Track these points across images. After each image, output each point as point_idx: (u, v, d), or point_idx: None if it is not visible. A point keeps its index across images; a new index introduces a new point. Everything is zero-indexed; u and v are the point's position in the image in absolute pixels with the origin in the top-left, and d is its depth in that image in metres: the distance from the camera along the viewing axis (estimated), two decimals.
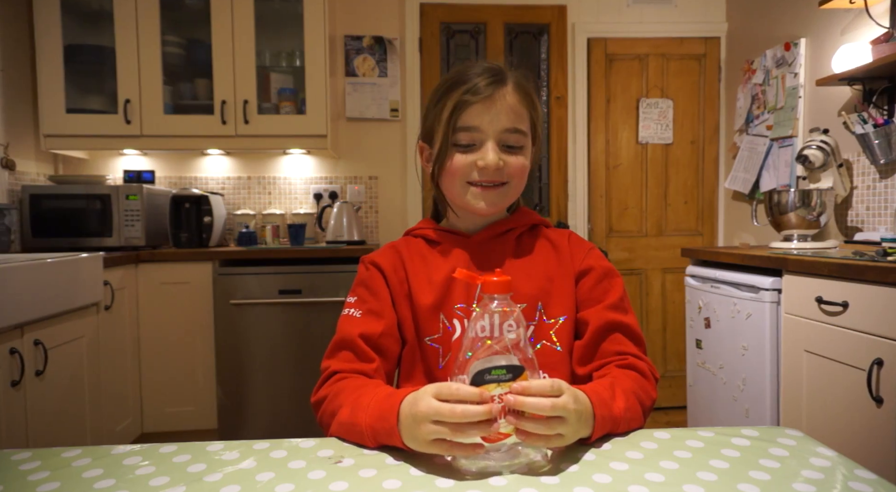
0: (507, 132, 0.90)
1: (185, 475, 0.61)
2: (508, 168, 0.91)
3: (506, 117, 0.90)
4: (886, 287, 1.40)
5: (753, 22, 2.93)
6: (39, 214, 2.52)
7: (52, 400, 1.79)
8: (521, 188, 0.96)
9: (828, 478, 0.59)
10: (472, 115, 0.89)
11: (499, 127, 0.89)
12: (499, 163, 0.89)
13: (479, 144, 0.90)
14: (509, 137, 0.91)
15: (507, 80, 0.92)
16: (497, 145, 0.90)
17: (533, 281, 0.92)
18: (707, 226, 3.22)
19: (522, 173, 0.94)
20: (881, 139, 2.04)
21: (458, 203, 0.95)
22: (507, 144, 0.91)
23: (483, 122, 0.89)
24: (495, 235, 0.97)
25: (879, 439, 1.43)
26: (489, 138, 0.90)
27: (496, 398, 0.60)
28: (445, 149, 0.92)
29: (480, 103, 0.89)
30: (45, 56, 2.63)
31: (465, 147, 0.91)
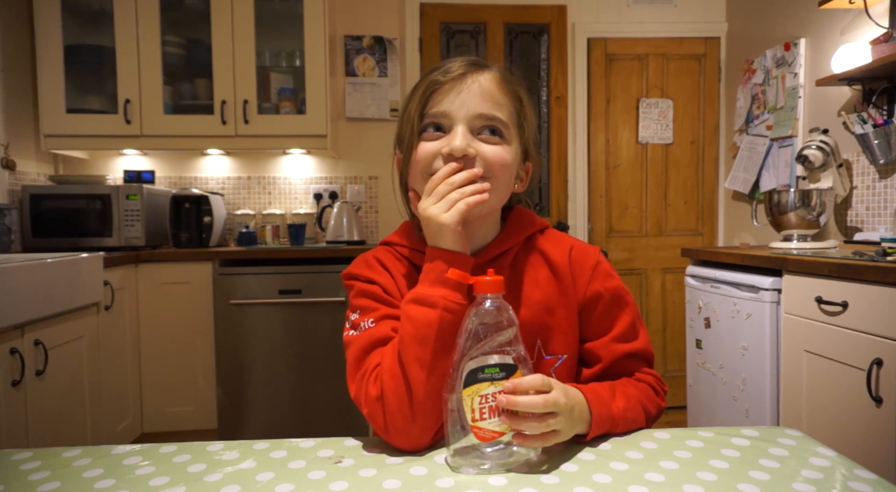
0: (482, 118, 0.76)
1: (185, 475, 0.61)
2: (483, 160, 0.75)
3: (480, 100, 0.76)
4: (886, 287, 1.40)
5: (753, 22, 2.93)
6: (39, 214, 2.52)
7: (52, 400, 1.79)
8: (504, 193, 0.80)
9: (828, 478, 0.59)
10: (441, 98, 0.77)
11: (471, 111, 0.76)
12: (468, 149, 0.74)
13: (447, 130, 0.76)
14: (487, 123, 0.76)
15: (488, 69, 0.80)
16: (469, 132, 0.76)
17: (530, 314, 0.80)
18: (707, 226, 3.22)
19: (504, 167, 0.77)
20: (881, 139, 2.04)
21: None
22: (483, 133, 0.77)
23: (453, 105, 0.76)
24: (489, 262, 0.81)
25: (879, 438, 1.43)
26: (458, 123, 0.75)
27: (489, 397, 0.60)
28: (412, 142, 0.78)
29: (450, 85, 0.77)
30: (45, 56, 2.63)
31: (432, 135, 0.77)
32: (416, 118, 0.78)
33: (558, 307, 0.82)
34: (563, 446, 0.67)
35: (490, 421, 0.60)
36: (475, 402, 0.60)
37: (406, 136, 0.80)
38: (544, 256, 0.84)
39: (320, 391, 2.49)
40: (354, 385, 0.73)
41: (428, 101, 0.78)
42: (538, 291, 0.82)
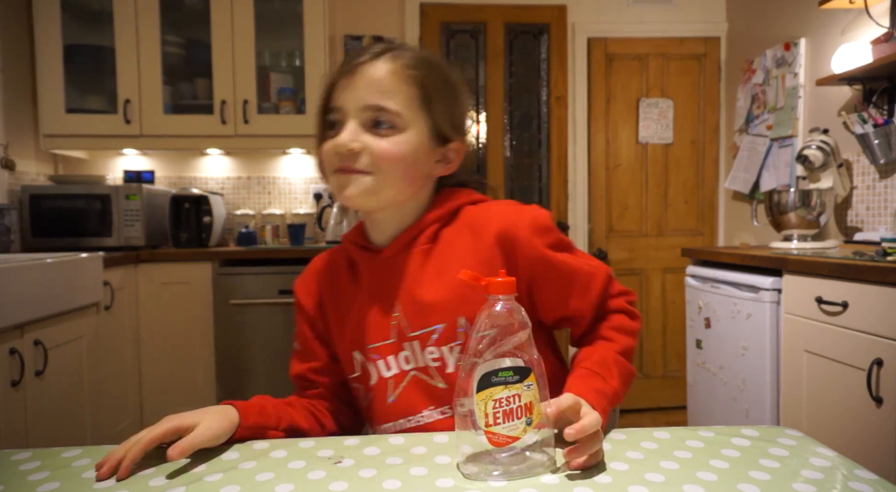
0: (369, 110, 0.76)
1: (185, 475, 0.61)
2: (370, 155, 0.75)
3: (366, 92, 0.76)
4: (886, 287, 1.40)
5: (753, 22, 2.93)
6: (39, 214, 2.52)
7: (52, 400, 1.79)
8: (401, 182, 0.78)
9: (828, 478, 0.59)
10: (337, 92, 0.78)
11: (358, 103, 0.76)
12: (351, 144, 0.75)
13: (341, 126, 0.77)
14: (374, 115, 0.76)
15: (384, 56, 0.78)
16: (358, 125, 0.76)
17: (453, 292, 0.77)
18: (707, 226, 3.22)
19: (393, 162, 0.76)
20: (881, 139, 2.04)
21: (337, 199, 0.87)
22: (372, 124, 0.76)
23: (345, 99, 0.76)
24: (405, 245, 0.82)
25: (879, 439, 1.43)
26: (349, 117, 0.76)
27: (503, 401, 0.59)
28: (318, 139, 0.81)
29: (344, 79, 0.77)
30: (44, 56, 2.63)
31: (331, 132, 0.78)
32: (319, 114, 0.81)
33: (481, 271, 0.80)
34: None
35: (504, 426, 0.59)
36: (489, 406, 0.59)
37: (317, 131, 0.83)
38: (469, 227, 0.82)
39: None
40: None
41: (329, 95, 0.80)
42: (459, 266, 0.74)
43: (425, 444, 0.69)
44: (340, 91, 0.77)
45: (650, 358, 3.19)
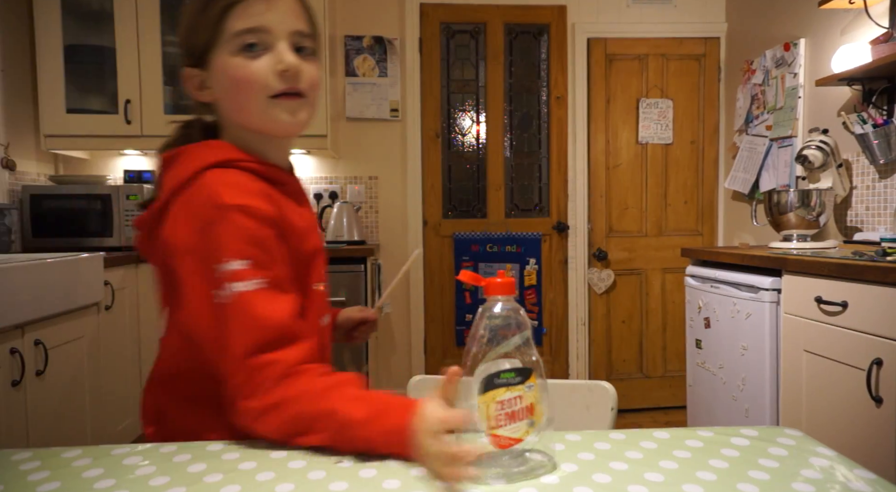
0: (299, 35, 0.78)
1: (185, 475, 0.61)
2: (305, 77, 0.78)
3: (293, 17, 0.77)
4: (886, 287, 1.40)
5: (753, 22, 2.93)
6: (40, 214, 2.52)
7: (52, 400, 1.79)
8: (317, 107, 0.83)
9: (827, 478, 0.59)
10: (255, 13, 0.74)
11: (289, 27, 0.76)
12: (299, 66, 0.76)
13: (268, 47, 0.75)
14: (301, 41, 0.78)
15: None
16: (291, 48, 0.77)
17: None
18: (707, 226, 3.22)
19: (318, 87, 0.82)
20: (880, 139, 2.04)
21: (259, 126, 0.79)
22: (300, 48, 0.78)
23: (269, 20, 0.75)
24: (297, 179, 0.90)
25: (879, 438, 1.44)
26: (279, 39, 0.75)
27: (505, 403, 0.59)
28: (229, 60, 0.75)
29: (260, 2, 0.75)
30: (45, 56, 2.63)
31: (252, 53, 0.75)
32: (215, 33, 0.75)
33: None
34: (564, 446, 0.67)
35: (507, 427, 0.59)
36: (492, 408, 0.58)
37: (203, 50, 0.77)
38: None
39: None
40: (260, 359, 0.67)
41: (229, 13, 0.74)
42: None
43: None
44: (258, 12, 0.74)
45: (650, 358, 3.19)
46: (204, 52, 0.77)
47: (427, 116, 3.10)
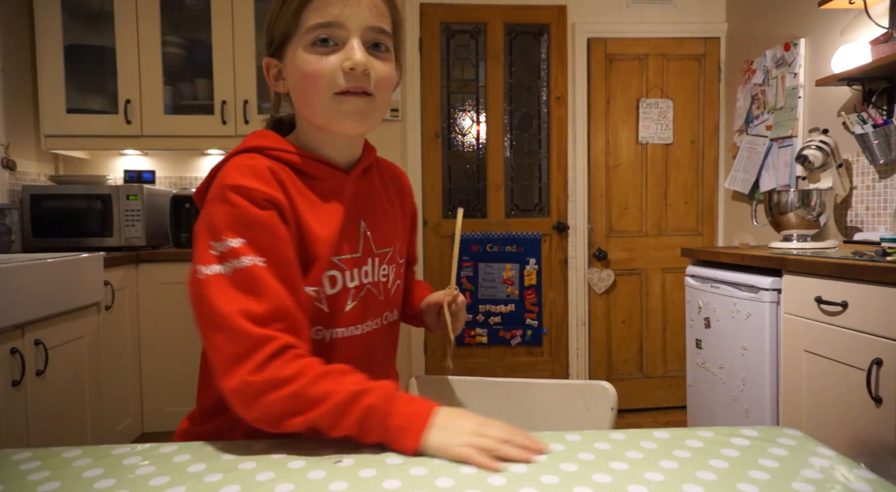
0: (374, 31, 0.76)
1: (185, 475, 0.61)
2: (376, 76, 0.76)
3: (370, 13, 0.76)
4: (886, 287, 1.40)
5: (753, 22, 2.93)
6: (40, 214, 2.53)
7: (52, 400, 1.79)
8: (387, 107, 0.83)
9: (827, 478, 0.59)
10: (331, 8, 0.74)
11: (363, 23, 0.75)
12: (367, 65, 0.75)
13: (340, 43, 0.75)
14: (375, 37, 0.77)
15: None
16: (364, 45, 0.76)
17: (395, 220, 0.94)
18: (707, 226, 3.22)
19: (389, 86, 0.80)
20: (880, 139, 2.04)
21: (322, 122, 0.79)
22: (374, 46, 0.77)
23: (344, 15, 0.74)
24: (365, 170, 0.89)
25: (879, 439, 1.44)
26: (353, 35, 0.75)
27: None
28: (301, 54, 0.76)
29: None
30: (45, 56, 2.63)
31: (324, 48, 0.75)
32: (293, 26, 0.76)
33: (401, 216, 0.97)
34: (564, 446, 0.67)
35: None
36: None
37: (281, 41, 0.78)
38: (387, 172, 0.98)
39: None
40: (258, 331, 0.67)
41: (307, 6, 0.75)
42: (392, 201, 0.95)
43: None
44: (334, 7, 0.74)
45: (650, 358, 3.19)
46: (282, 44, 0.78)
47: (427, 116, 3.10)
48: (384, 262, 0.89)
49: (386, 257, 0.90)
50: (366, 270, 0.86)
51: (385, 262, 0.89)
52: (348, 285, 0.83)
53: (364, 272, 0.86)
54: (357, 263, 0.85)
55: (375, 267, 0.87)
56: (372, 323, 0.88)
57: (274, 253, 0.71)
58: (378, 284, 0.89)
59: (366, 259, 0.86)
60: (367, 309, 0.87)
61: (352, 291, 0.84)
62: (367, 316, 0.87)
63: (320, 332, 0.82)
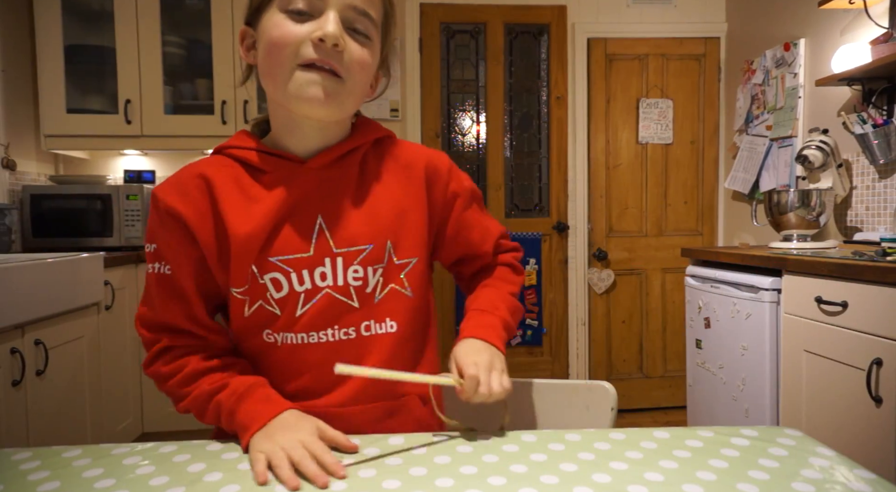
0: (356, 12, 0.72)
1: (185, 475, 0.61)
2: (349, 57, 0.71)
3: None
4: (886, 287, 1.40)
5: (753, 22, 2.93)
6: (40, 214, 2.53)
7: (52, 400, 1.79)
8: (360, 95, 0.77)
9: (827, 478, 0.59)
10: None
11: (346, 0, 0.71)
12: (339, 39, 0.69)
13: (316, 13, 0.70)
14: (357, 19, 0.72)
15: None
16: (341, 21, 0.71)
17: (382, 215, 0.78)
18: (707, 226, 3.22)
19: (364, 70, 0.74)
20: (880, 139, 2.04)
21: (283, 99, 0.73)
22: (352, 27, 0.72)
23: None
24: (336, 159, 0.78)
25: (879, 438, 1.44)
26: (331, 7, 0.70)
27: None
28: (273, 21, 0.71)
29: None
30: (45, 56, 2.63)
31: (297, 17, 0.70)
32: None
33: (410, 210, 0.81)
34: (564, 446, 0.67)
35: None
36: None
37: (257, 6, 0.74)
38: (396, 159, 0.83)
39: None
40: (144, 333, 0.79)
41: None
42: (388, 193, 0.80)
43: (425, 444, 0.69)
44: None
45: (650, 358, 3.19)
46: (258, 10, 0.74)
47: (427, 116, 3.10)
48: (354, 263, 0.77)
49: (356, 258, 0.77)
50: (322, 272, 0.76)
51: (357, 262, 0.77)
52: (296, 289, 0.75)
53: (320, 274, 0.76)
54: (308, 264, 0.76)
55: (337, 269, 0.76)
56: (341, 333, 0.77)
57: (175, 263, 0.76)
58: (346, 288, 0.77)
59: (321, 259, 0.76)
60: (328, 316, 0.77)
61: (301, 294, 0.76)
62: (329, 324, 0.77)
63: (270, 335, 0.78)
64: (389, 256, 0.79)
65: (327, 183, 0.78)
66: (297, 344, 0.77)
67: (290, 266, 0.75)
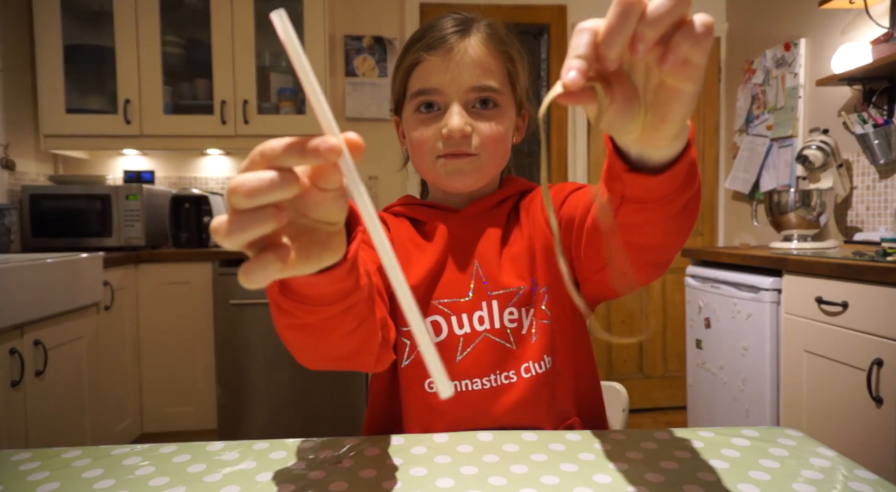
0: (475, 91, 0.76)
1: (185, 475, 0.61)
2: (479, 137, 0.77)
3: (469, 73, 0.75)
4: (886, 287, 1.40)
5: (753, 22, 2.93)
6: (39, 214, 2.52)
7: (52, 400, 1.79)
8: (501, 160, 0.82)
9: (828, 478, 0.59)
10: (431, 73, 0.76)
11: (463, 86, 0.76)
12: (465, 128, 0.75)
13: (443, 107, 0.77)
14: (480, 95, 0.77)
15: (473, 30, 0.77)
16: (464, 108, 0.76)
17: (529, 255, 0.82)
18: (707, 226, 3.22)
19: (497, 143, 0.79)
20: (881, 139, 2.04)
21: (429, 181, 0.84)
22: (477, 106, 0.77)
23: (443, 81, 0.75)
24: (487, 209, 0.84)
25: (879, 439, 1.43)
26: (453, 100, 0.76)
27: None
28: (410, 119, 0.79)
29: (438, 59, 0.75)
30: (45, 56, 2.63)
31: (427, 114, 0.77)
32: (401, 92, 0.80)
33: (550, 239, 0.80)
34: (564, 446, 0.67)
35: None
36: None
37: (397, 103, 0.82)
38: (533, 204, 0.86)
39: (320, 391, 2.49)
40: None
41: (412, 73, 0.78)
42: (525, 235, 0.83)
43: (425, 444, 0.69)
44: (434, 71, 0.76)
45: (650, 358, 3.19)
46: (398, 106, 0.83)
47: None
48: (509, 305, 0.79)
49: (511, 299, 0.79)
50: (480, 316, 0.78)
51: (512, 304, 0.79)
52: (455, 332, 0.78)
53: (478, 318, 0.78)
54: (467, 308, 0.79)
55: (493, 311, 0.79)
56: (502, 377, 0.78)
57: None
58: (503, 331, 0.78)
59: (478, 303, 0.79)
60: (488, 360, 0.78)
61: (461, 338, 0.78)
62: (490, 369, 0.78)
63: (432, 385, 0.76)
64: (536, 295, 0.80)
65: (480, 230, 0.83)
66: (459, 391, 0.77)
67: (450, 309, 0.79)
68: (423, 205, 0.86)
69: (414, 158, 0.82)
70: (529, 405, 0.77)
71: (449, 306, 0.79)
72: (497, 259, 0.81)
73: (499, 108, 0.79)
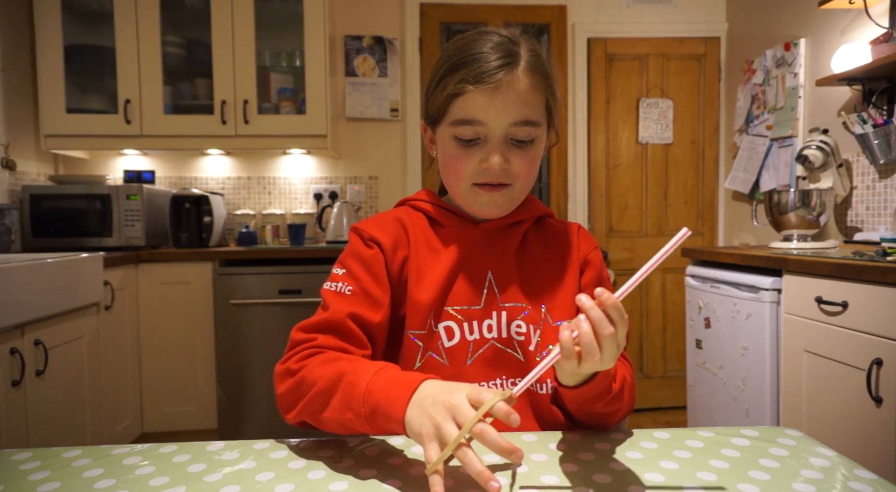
0: (517, 125, 0.78)
1: (185, 475, 0.61)
2: (514, 169, 0.80)
3: (515, 109, 0.77)
4: (886, 287, 1.40)
5: (753, 22, 2.93)
6: (40, 213, 2.52)
7: (52, 400, 1.79)
8: (530, 186, 0.85)
9: (827, 478, 0.59)
10: (476, 106, 0.77)
11: (507, 121, 0.77)
12: (503, 164, 0.78)
13: (483, 139, 0.79)
14: (519, 132, 0.78)
15: (519, 61, 0.78)
16: (504, 141, 0.79)
17: (539, 280, 0.85)
18: (707, 226, 3.22)
19: (529, 171, 0.82)
20: (881, 139, 2.04)
21: (461, 203, 0.86)
22: (517, 139, 0.79)
23: (488, 116, 0.77)
24: (505, 226, 0.88)
25: (879, 439, 1.43)
26: (496, 135, 0.78)
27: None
28: (446, 140, 0.81)
29: (484, 95, 0.76)
30: (45, 56, 2.63)
31: (468, 143, 0.79)
32: (439, 112, 0.81)
33: (565, 273, 0.87)
34: (564, 446, 0.67)
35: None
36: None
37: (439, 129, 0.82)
38: (553, 229, 0.92)
39: None
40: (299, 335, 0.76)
41: (460, 103, 0.78)
42: (544, 263, 0.88)
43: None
44: (479, 106, 0.77)
45: (650, 358, 3.19)
46: (434, 120, 0.83)
47: None
48: (517, 318, 0.82)
49: (519, 314, 0.83)
50: (489, 324, 0.82)
51: (520, 318, 0.82)
52: (467, 338, 0.81)
53: (487, 326, 0.82)
54: (478, 316, 0.82)
55: (502, 322, 0.82)
56: (508, 383, 0.81)
57: (363, 285, 0.80)
58: (510, 341, 0.82)
59: (489, 312, 0.82)
60: (495, 366, 0.81)
61: (471, 344, 0.81)
62: (497, 375, 0.81)
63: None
64: (545, 319, 0.84)
65: (496, 244, 0.86)
66: None
67: (463, 316, 0.82)
68: (445, 208, 0.88)
69: (446, 177, 0.84)
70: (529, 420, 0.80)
71: (461, 313, 0.82)
72: (510, 274, 0.85)
73: (535, 140, 0.81)
